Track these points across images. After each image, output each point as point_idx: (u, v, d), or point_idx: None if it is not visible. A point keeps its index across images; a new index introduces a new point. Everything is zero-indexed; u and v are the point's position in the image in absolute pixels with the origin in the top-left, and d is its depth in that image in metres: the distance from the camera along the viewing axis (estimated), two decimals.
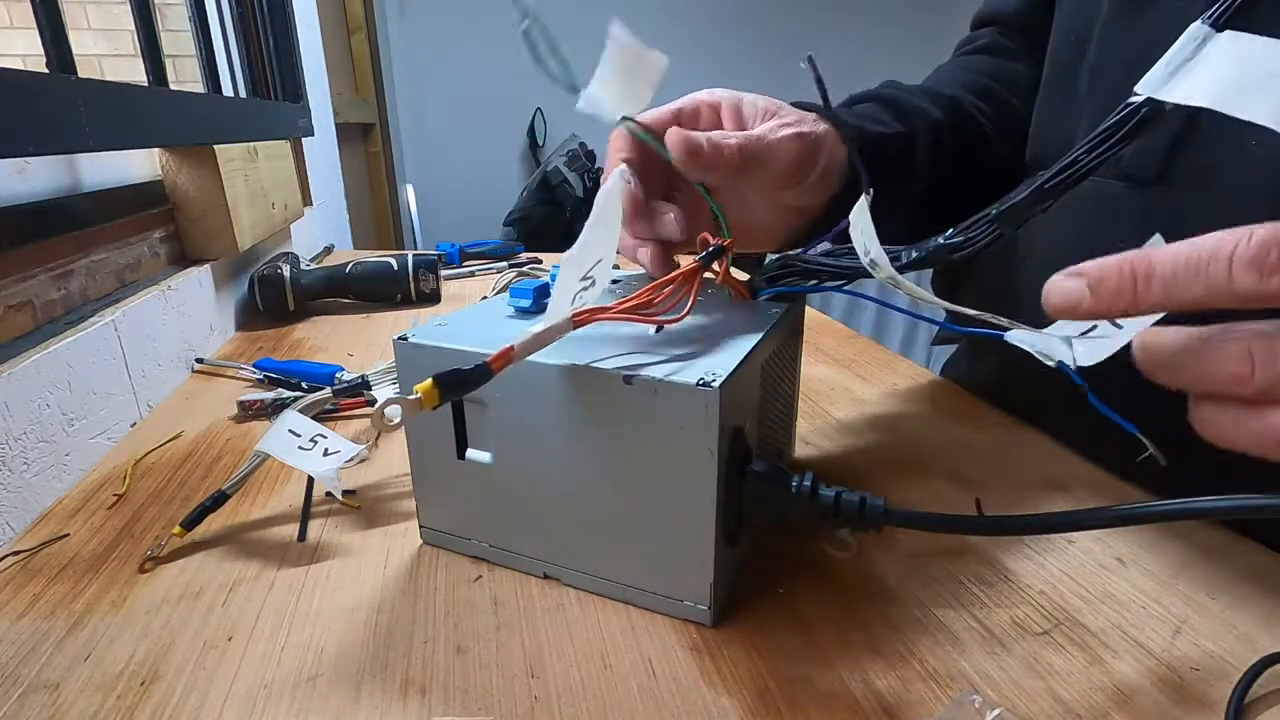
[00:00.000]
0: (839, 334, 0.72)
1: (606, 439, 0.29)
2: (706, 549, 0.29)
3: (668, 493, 0.29)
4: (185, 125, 0.63)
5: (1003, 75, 0.52)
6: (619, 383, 0.28)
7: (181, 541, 0.36)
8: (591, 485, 0.30)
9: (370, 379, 0.48)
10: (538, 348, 0.27)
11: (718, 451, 0.27)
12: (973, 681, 0.27)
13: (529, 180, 2.63)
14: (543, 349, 0.28)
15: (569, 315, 0.28)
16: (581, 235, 0.28)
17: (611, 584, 0.32)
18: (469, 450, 0.33)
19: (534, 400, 0.30)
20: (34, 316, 0.46)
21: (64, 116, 0.43)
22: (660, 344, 0.31)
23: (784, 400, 0.40)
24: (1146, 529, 0.36)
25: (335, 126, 1.53)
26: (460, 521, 0.35)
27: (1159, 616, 0.30)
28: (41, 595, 0.33)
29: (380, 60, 2.38)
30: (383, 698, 0.27)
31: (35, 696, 0.27)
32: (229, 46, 0.88)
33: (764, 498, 0.29)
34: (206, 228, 0.69)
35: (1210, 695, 0.26)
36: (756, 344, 0.31)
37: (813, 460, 0.45)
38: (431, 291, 0.83)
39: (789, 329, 0.38)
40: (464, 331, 0.33)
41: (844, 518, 0.29)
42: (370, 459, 0.45)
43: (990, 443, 0.47)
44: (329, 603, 0.32)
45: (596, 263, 0.28)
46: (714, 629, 0.30)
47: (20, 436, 0.39)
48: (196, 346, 0.64)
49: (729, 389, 0.27)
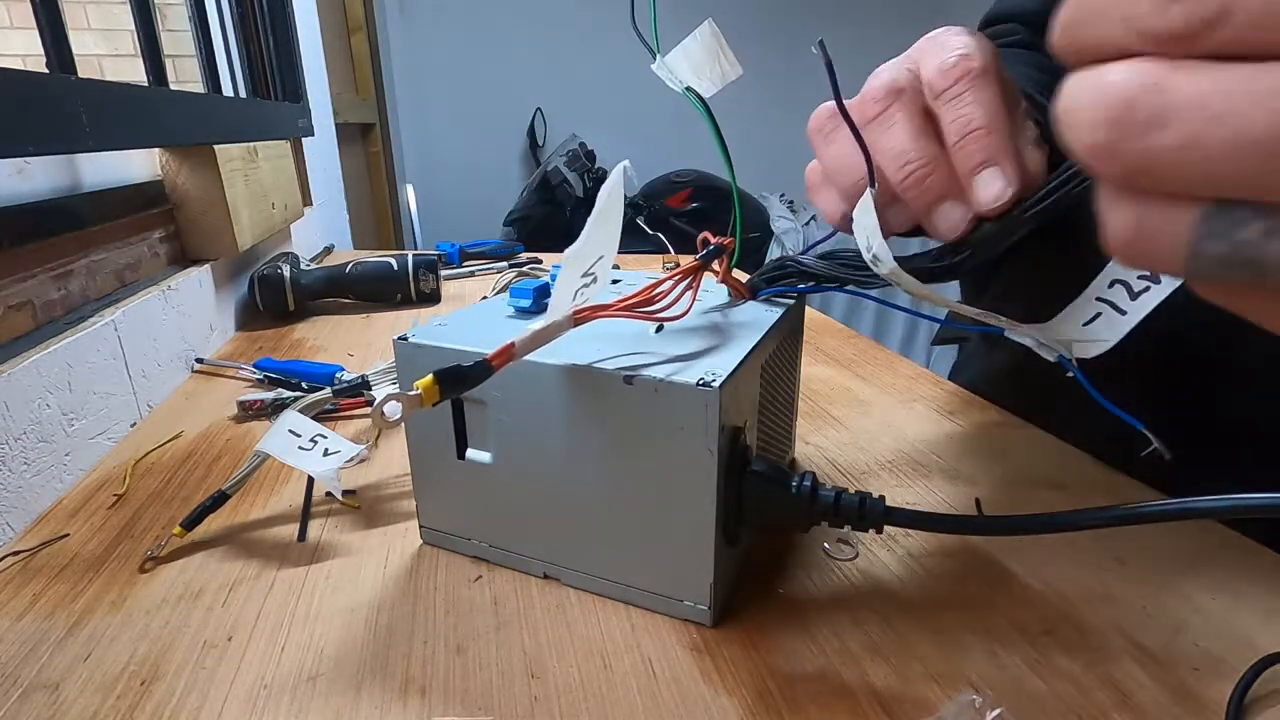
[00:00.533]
0: (839, 334, 0.72)
1: (606, 439, 0.29)
2: (706, 549, 0.29)
3: (667, 493, 0.29)
4: (185, 125, 0.63)
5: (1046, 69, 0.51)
6: (619, 382, 0.28)
7: (181, 541, 0.36)
8: (591, 485, 0.30)
9: (370, 379, 0.48)
10: (538, 345, 0.27)
11: (717, 451, 0.27)
12: (973, 681, 0.27)
13: (529, 180, 2.63)
14: (543, 347, 0.28)
15: (570, 312, 0.28)
16: (584, 231, 0.28)
17: (611, 584, 0.32)
18: (469, 450, 0.33)
19: (534, 400, 0.30)
20: (34, 316, 0.46)
21: (64, 116, 0.43)
22: (660, 343, 0.31)
23: (784, 400, 0.40)
24: (1146, 529, 0.36)
25: (335, 126, 1.52)
26: (460, 521, 0.35)
27: (1159, 616, 0.30)
28: (41, 595, 0.33)
29: (380, 60, 2.38)
30: (383, 698, 0.27)
31: (35, 696, 0.27)
32: (229, 46, 0.88)
33: (764, 498, 0.29)
34: (206, 228, 0.69)
35: (1210, 695, 0.26)
36: (756, 344, 0.31)
37: (813, 460, 0.45)
38: (431, 291, 0.83)
39: (789, 329, 0.38)
40: (464, 331, 0.33)
41: (844, 517, 0.29)
42: (370, 459, 0.45)
43: (990, 442, 0.47)
44: (329, 602, 0.32)
45: (598, 259, 0.28)
46: (714, 629, 0.30)
47: (20, 436, 0.39)
48: (196, 346, 0.64)
49: (729, 389, 0.27)
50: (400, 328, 0.76)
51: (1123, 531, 0.36)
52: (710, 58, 0.34)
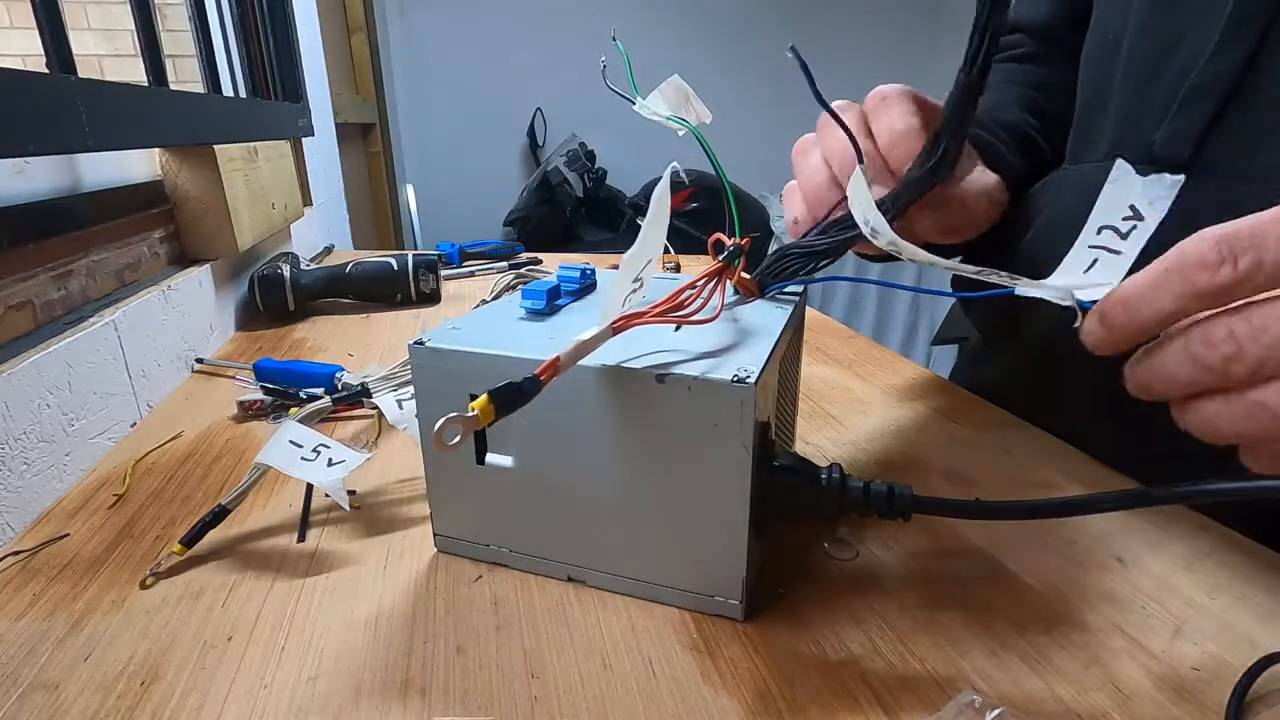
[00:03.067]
0: (839, 334, 0.72)
1: (637, 438, 0.29)
2: (740, 544, 0.29)
3: (700, 490, 0.29)
4: (185, 125, 0.63)
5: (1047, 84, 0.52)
6: (651, 382, 0.28)
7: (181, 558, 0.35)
8: (620, 485, 0.30)
9: (371, 386, 0.47)
10: (582, 356, 0.27)
11: (751, 447, 0.27)
12: (973, 681, 0.27)
13: (529, 180, 2.63)
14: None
15: (610, 323, 0.28)
16: (641, 233, 0.27)
17: (639, 583, 0.32)
18: (489, 455, 0.32)
19: (560, 401, 0.29)
20: (34, 316, 0.46)
21: (64, 116, 0.43)
22: (681, 341, 0.31)
23: (789, 397, 0.40)
24: (1147, 529, 0.36)
25: (335, 126, 1.52)
26: (478, 527, 0.34)
27: (1159, 616, 0.30)
28: (41, 595, 0.33)
29: (380, 60, 2.38)
30: (383, 698, 0.27)
31: (35, 696, 0.27)
32: (229, 46, 0.88)
33: (794, 491, 0.30)
34: (206, 228, 0.69)
35: (1210, 695, 0.26)
36: (778, 339, 0.31)
37: (812, 460, 0.45)
38: (431, 291, 0.83)
39: (794, 325, 0.39)
40: (480, 335, 0.32)
41: (874, 507, 0.29)
42: (370, 459, 0.45)
43: (990, 442, 0.47)
44: (329, 603, 0.32)
45: (646, 263, 0.28)
46: (714, 628, 0.30)
47: (20, 436, 0.39)
48: (196, 346, 0.64)
49: (761, 385, 0.27)
50: (400, 328, 0.76)
51: (1123, 531, 0.36)
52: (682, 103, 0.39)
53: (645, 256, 0.27)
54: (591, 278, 0.41)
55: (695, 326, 0.31)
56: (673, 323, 0.30)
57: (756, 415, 0.27)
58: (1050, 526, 0.37)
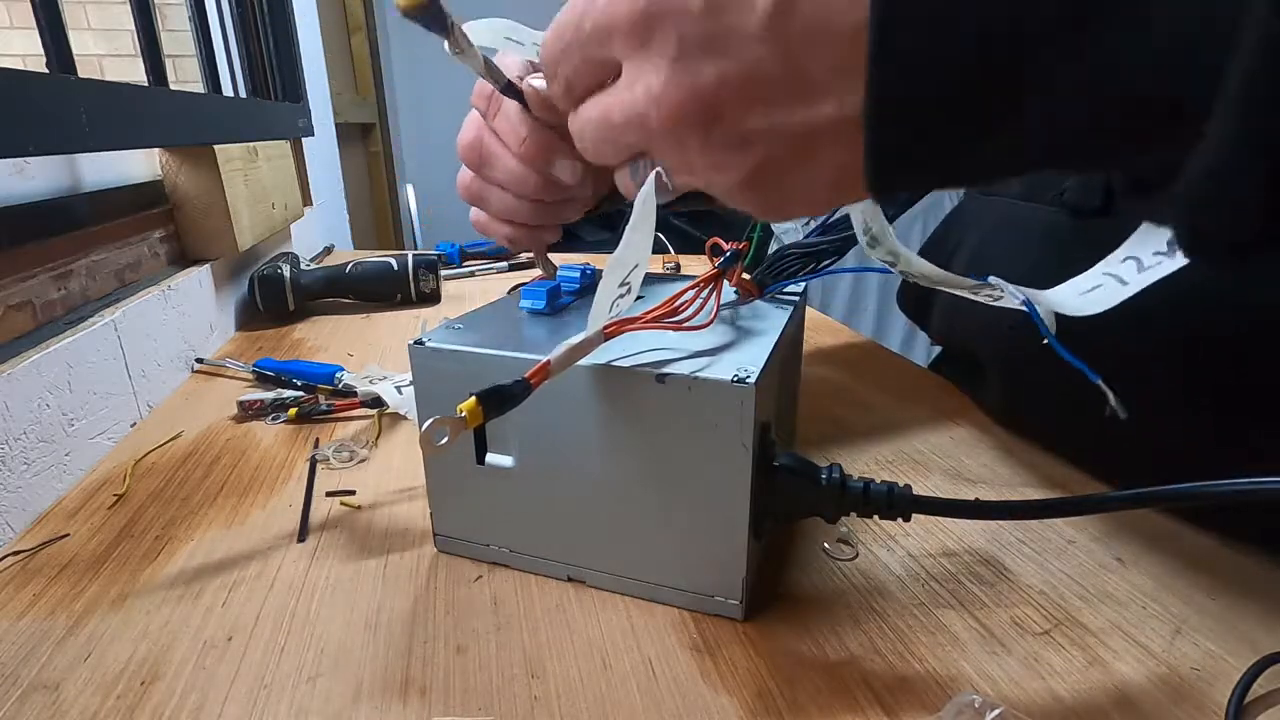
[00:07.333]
0: (839, 334, 0.72)
1: (637, 438, 0.29)
2: (739, 544, 0.29)
3: (700, 489, 0.29)
4: (185, 125, 0.63)
5: None
6: (650, 381, 0.28)
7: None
8: (620, 484, 0.30)
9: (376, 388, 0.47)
10: (573, 360, 0.27)
11: (751, 447, 0.27)
12: (973, 681, 0.27)
13: None
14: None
15: (601, 329, 0.28)
16: (624, 237, 0.27)
17: (639, 583, 0.32)
18: (489, 455, 0.32)
19: (561, 401, 0.29)
20: (34, 316, 0.46)
21: (64, 116, 0.43)
22: (680, 341, 0.31)
23: (789, 397, 0.40)
24: (1147, 529, 0.36)
25: (335, 126, 1.53)
26: (478, 528, 0.34)
27: (1159, 616, 0.30)
28: (41, 595, 0.33)
29: (380, 60, 2.38)
30: (383, 698, 0.27)
31: (35, 696, 0.27)
32: (229, 46, 0.88)
33: (794, 490, 0.30)
34: (206, 228, 0.69)
35: (1210, 695, 0.26)
36: (779, 339, 0.31)
37: (813, 460, 0.45)
38: (431, 291, 0.83)
39: (794, 324, 0.39)
40: (480, 334, 0.32)
41: (873, 506, 0.29)
42: (370, 459, 0.45)
43: (989, 442, 0.47)
44: (329, 602, 0.32)
45: (633, 268, 0.28)
46: (714, 628, 0.30)
47: (20, 436, 0.39)
48: (196, 346, 0.64)
49: (762, 384, 0.27)
50: (400, 328, 0.76)
51: (1123, 531, 0.36)
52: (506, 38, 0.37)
53: (630, 261, 0.27)
54: (592, 278, 0.41)
55: None
56: (666, 329, 0.30)
57: (756, 415, 0.27)
58: (1050, 526, 0.37)
